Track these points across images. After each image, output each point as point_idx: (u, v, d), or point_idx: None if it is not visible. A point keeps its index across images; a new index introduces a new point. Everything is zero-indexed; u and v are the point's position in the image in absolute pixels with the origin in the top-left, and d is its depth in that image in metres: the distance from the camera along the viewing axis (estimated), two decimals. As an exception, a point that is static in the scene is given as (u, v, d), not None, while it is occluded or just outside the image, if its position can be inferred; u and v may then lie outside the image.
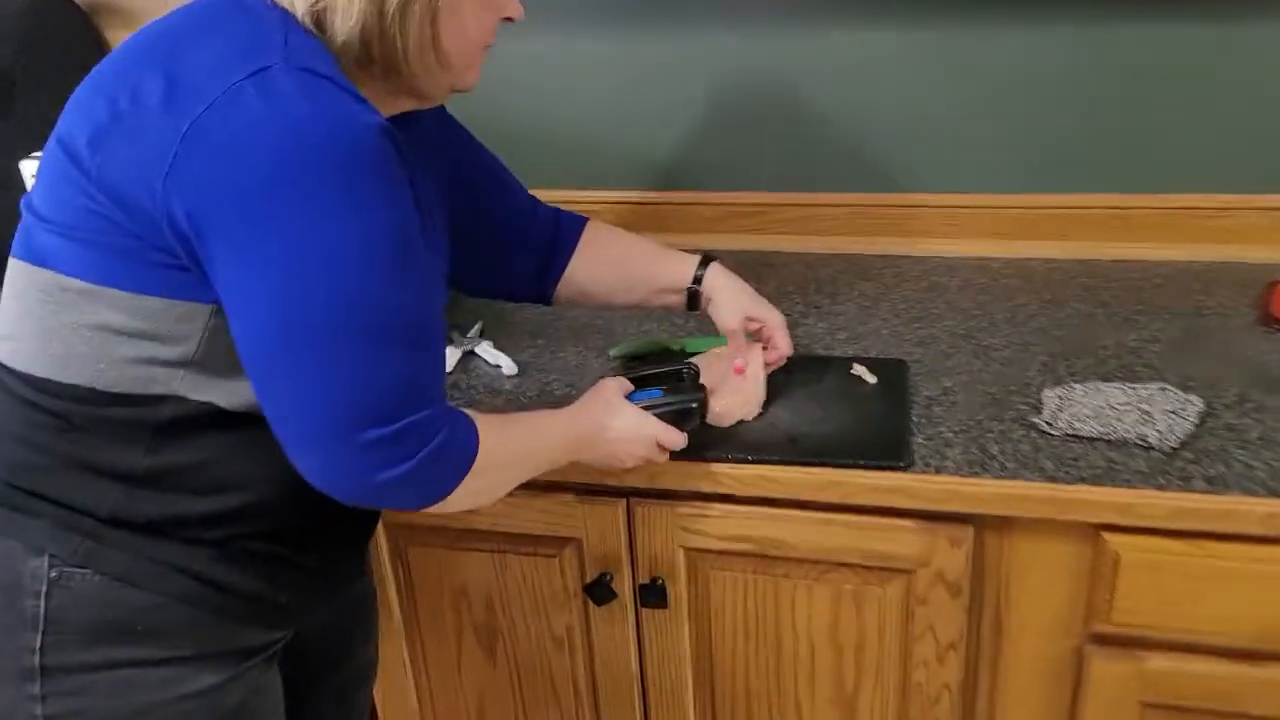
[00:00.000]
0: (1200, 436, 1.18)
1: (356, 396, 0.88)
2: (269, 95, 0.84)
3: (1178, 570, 1.13)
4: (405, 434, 0.90)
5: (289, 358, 0.87)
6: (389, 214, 0.88)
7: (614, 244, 1.33)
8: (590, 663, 1.39)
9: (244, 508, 0.98)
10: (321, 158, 0.84)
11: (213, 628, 1.00)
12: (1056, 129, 1.60)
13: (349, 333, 0.87)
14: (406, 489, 0.93)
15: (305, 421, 0.89)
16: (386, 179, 0.88)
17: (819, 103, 1.66)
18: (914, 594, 1.22)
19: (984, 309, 1.50)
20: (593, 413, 1.15)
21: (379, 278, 0.88)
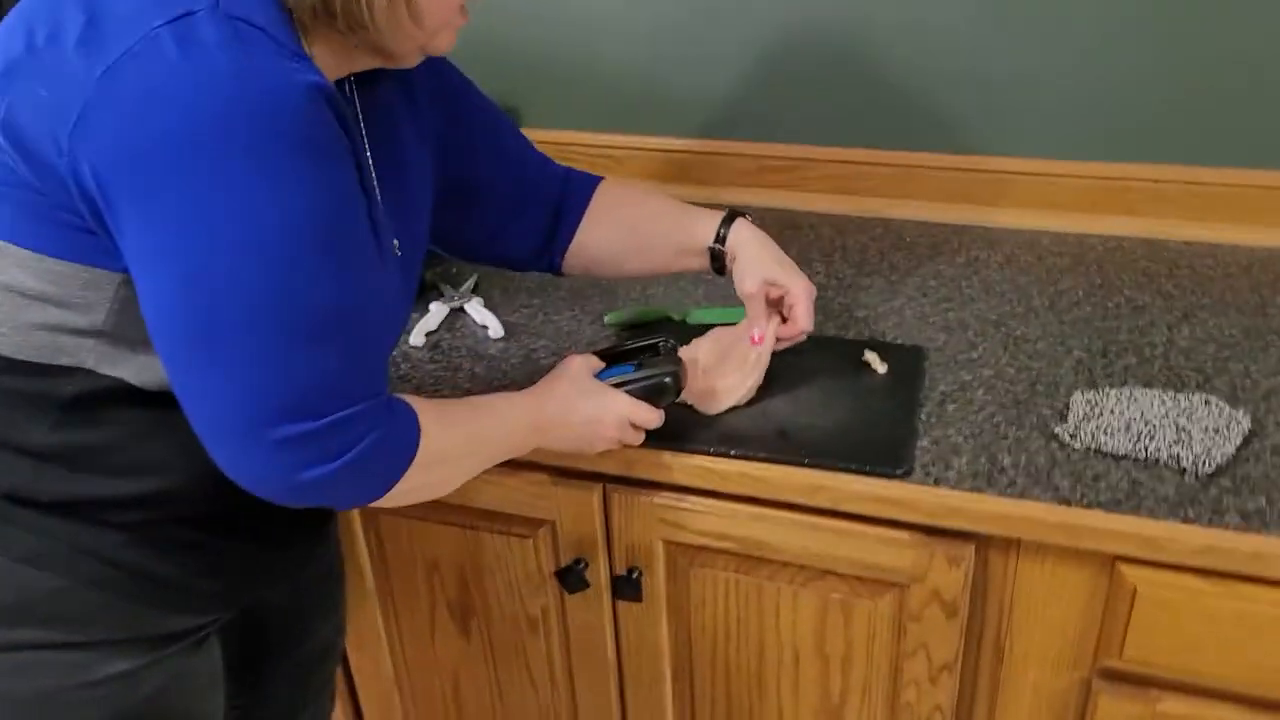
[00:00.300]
0: (1243, 461, 1.04)
1: (272, 391, 0.80)
2: (188, 45, 0.74)
3: (1201, 611, 1.00)
4: (330, 432, 0.82)
5: (197, 345, 0.79)
6: (316, 190, 0.79)
7: (628, 203, 1.21)
8: (566, 647, 1.31)
9: (161, 493, 0.91)
10: (238, 122, 0.75)
11: (127, 613, 0.94)
12: (1131, 89, 1.43)
13: (264, 322, 0.78)
14: (334, 489, 0.85)
15: (215, 413, 0.82)
16: (315, 150, 0.78)
17: (866, 50, 1.51)
18: (907, 610, 1.11)
19: (1023, 292, 1.36)
20: (556, 393, 1.05)
21: (300, 262, 0.79)
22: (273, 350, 0.79)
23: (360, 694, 1.51)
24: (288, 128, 0.76)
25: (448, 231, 1.16)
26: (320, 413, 0.81)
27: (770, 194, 1.62)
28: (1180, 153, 1.44)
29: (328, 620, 1.25)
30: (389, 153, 0.99)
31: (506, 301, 1.40)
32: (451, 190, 1.13)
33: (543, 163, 1.20)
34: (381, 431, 0.85)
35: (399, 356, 1.29)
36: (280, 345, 0.79)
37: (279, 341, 0.79)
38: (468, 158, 1.13)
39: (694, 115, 1.63)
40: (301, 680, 1.24)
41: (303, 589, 1.18)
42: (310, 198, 0.78)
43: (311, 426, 0.81)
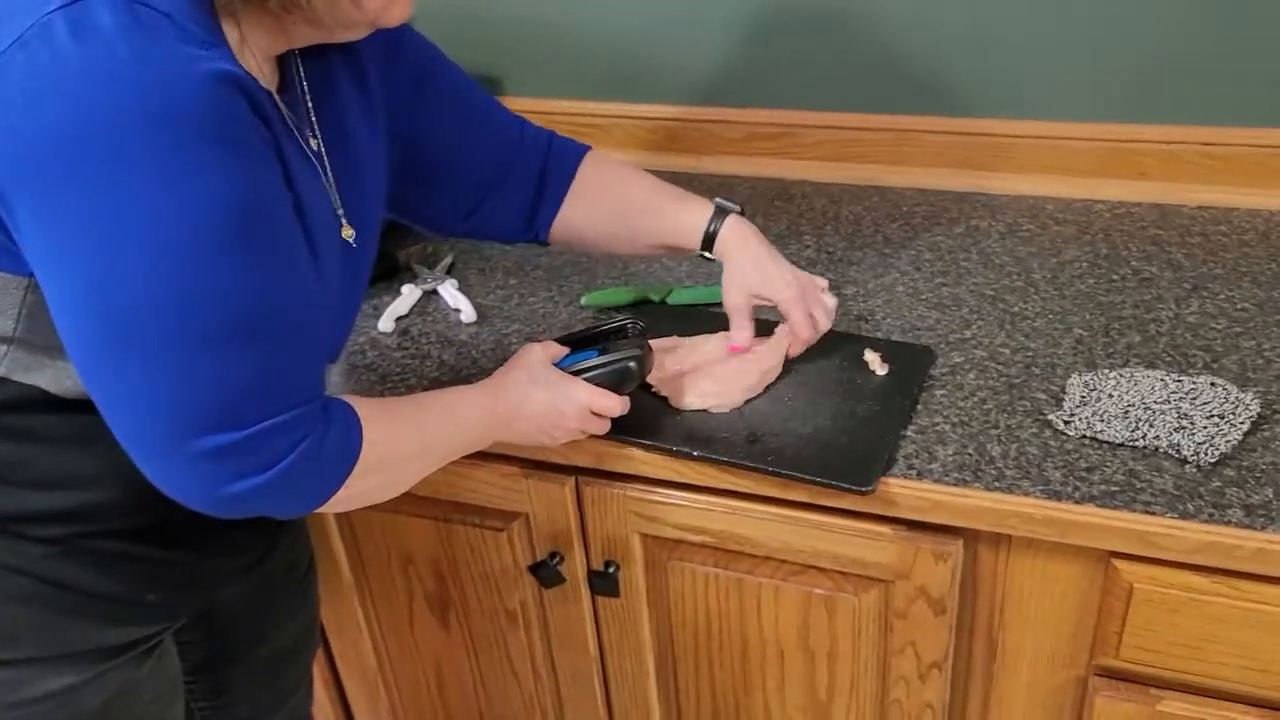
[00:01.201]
0: (1250, 449, 0.97)
1: (188, 401, 0.75)
2: (82, 32, 0.69)
3: (1202, 610, 0.94)
4: (256, 442, 0.77)
5: (107, 352, 0.74)
6: (222, 184, 0.73)
7: (616, 184, 1.14)
8: (547, 640, 1.27)
9: (88, 506, 0.87)
10: (134, 113, 0.69)
11: (60, 628, 0.90)
12: (1141, 45, 1.34)
13: (173, 326, 0.73)
14: (266, 500, 0.81)
15: (134, 425, 0.77)
16: (222, 142, 0.73)
17: (859, 9, 1.42)
18: (892, 607, 1.06)
19: (1023, 265, 1.28)
20: (511, 385, 0.99)
21: (207, 261, 0.73)
22: (184, 357, 0.74)
23: (346, 684, 1.48)
24: (190, 119, 0.71)
25: (418, 206, 1.10)
26: (242, 423, 0.76)
27: (761, 162, 1.55)
28: (1194, 112, 1.35)
29: (293, 620, 1.20)
30: (339, 132, 0.93)
31: (482, 282, 1.34)
32: (417, 163, 1.06)
33: (520, 128, 1.13)
34: (315, 439, 0.80)
35: (366, 344, 1.24)
36: (192, 351, 0.74)
37: (190, 347, 0.74)
38: (430, 127, 1.07)
39: (681, 82, 1.55)
40: (268, 681, 1.20)
41: (261, 589, 1.14)
42: (216, 192, 0.72)
43: (235, 437, 0.76)
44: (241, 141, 0.74)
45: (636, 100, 1.59)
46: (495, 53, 1.63)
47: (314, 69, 0.92)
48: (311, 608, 1.24)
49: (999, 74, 1.41)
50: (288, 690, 1.24)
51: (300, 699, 1.28)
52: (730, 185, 1.53)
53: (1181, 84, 1.34)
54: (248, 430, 0.76)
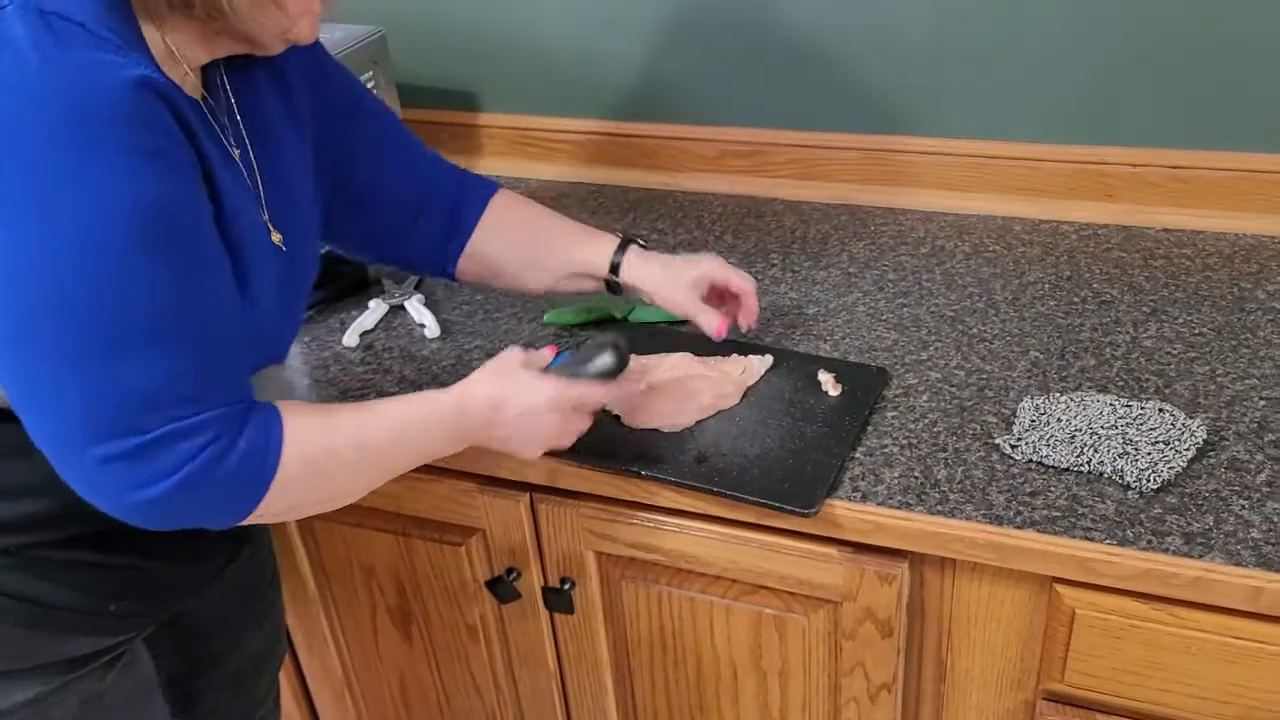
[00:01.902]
0: (1194, 476, 0.97)
1: (88, 404, 0.75)
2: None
3: (1142, 637, 0.94)
4: (158, 447, 0.77)
5: (18, 352, 0.76)
6: (137, 188, 0.74)
7: (524, 218, 1.17)
8: (508, 656, 1.28)
9: (36, 516, 0.87)
10: (45, 119, 0.70)
11: (21, 641, 0.90)
12: (1112, 69, 1.34)
13: (81, 330, 0.74)
14: (183, 506, 0.80)
15: (40, 427, 0.78)
16: (134, 148, 0.73)
17: (829, 30, 1.43)
18: (841, 627, 1.06)
19: (985, 286, 1.29)
20: (481, 388, 0.96)
21: (119, 265, 0.74)
22: (89, 359, 0.75)
23: (314, 695, 1.49)
24: (101, 122, 0.72)
25: (342, 232, 1.12)
26: (144, 427, 0.76)
27: (732, 179, 1.56)
28: (1162, 135, 1.35)
29: (260, 629, 1.21)
30: (265, 140, 0.94)
31: (449, 299, 1.35)
32: (343, 192, 1.08)
33: (436, 164, 1.16)
34: (225, 443, 0.80)
35: (329, 359, 1.25)
36: (97, 353, 0.75)
37: (96, 349, 0.75)
38: (356, 155, 1.08)
39: (653, 99, 1.56)
40: (237, 693, 1.21)
41: (228, 599, 1.15)
42: (126, 195, 0.73)
43: (137, 442, 0.76)
44: (154, 146, 0.75)
45: (610, 117, 1.60)
46: (471, 69, 1.64)
47: (238, 79, 0.93)
48: (277, 618, 1.25)
49: (968, 95, 1.41)
50: (255, 702, 1.25)
51: (268, 710, 1.28)
52: (703, 202, 1.54)
53: (1149, 107, 1.34)
54: (149, 435, 0.77)
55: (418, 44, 1.64)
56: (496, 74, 1.64)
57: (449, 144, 1.70)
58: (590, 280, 1.15)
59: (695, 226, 1.47)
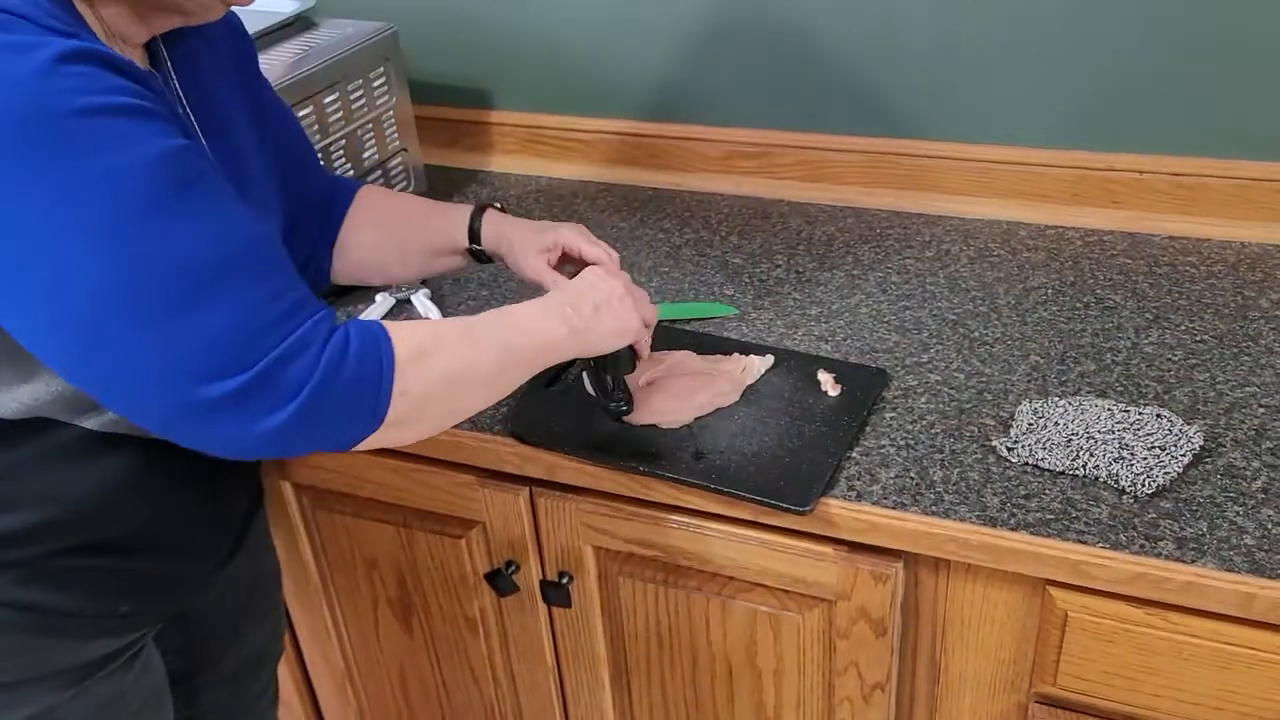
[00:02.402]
0: (1190, 482, 0.97)
1: (180, 363, 0.73)
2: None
3: (1134, 641, 0.94)
4: (270, 374, 0.75)
5: (88, 350, 0.74)
6: (137, 148, 0.72)
7: (382, 207, 1.18)
8: (506, 649, 1.29)
9: (41, 526, 0.87)
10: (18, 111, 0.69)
11: (36, 650, 0.91)
12: (1117, 75, 1.34)
13: (144, 295, 0.72)
14: (316, 426, 0.77)
15: (142, 405, 0.76)
16: (118, 111, 0.72)
17: (839, 32, 1.44)
18: (835, 626, 1.06)
19: (988, 290, 1.29)
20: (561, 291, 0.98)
21: (148, 229, 0.72)
22: (165, 324, 0.73)
23: (316, 686, 1.50)
24: (77, 101, 0.70)
25: None
26: (246, 363, 0.74)
27: (739, 180, 1.56)
28: (1168, 143, 1.35)
29: (261, 625, 1.22)
30: (213, 118, 0.94)
31: (455, 293, 1.36)
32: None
33: (317, 166, 1.17)
34: (336, 350, 0.77)
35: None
36: (170, 314, 0.73)
37: (160, 313, 0.73)
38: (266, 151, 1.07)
39: (663, 99, 1.57)
40: (235, 689, 1.22)
41: (229, 596, 1.15)
42: (125, 162, 0.72)
43: (244, 379, 0.74)
44: (126, 106, 0.73)
45: (620, 116, 1.60)
46: (484, 68, 1.66)
47: (177, 53, 0.92)
48: (278, 615, 1.26)
49: (975, 99, 1.41)
50: (254, 697, 1.26)
51: (265, 707, 1.29)
52: (710, 202, 1.55)
53: (1155, 113, 1.34)
54: (257, 365, 0.74)
55: (429, 40, 1.65)
56: (508, 72, 1.65)
57: (461, 141, 1.71)
58: (456, 255, 1.14)
59: (702, 226, 1.48)
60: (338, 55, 1.39)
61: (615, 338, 0.99)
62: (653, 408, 1.09)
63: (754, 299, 1.30)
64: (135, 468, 0.90)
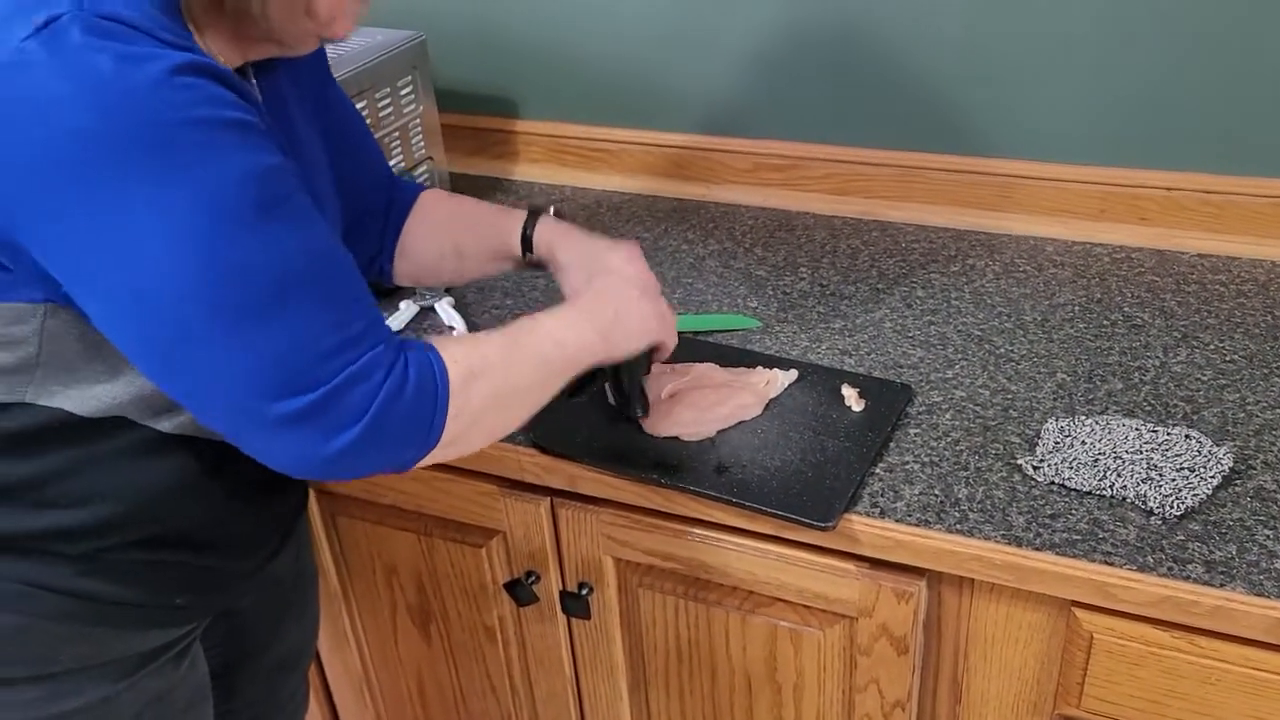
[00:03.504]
0: (1219, 504, 0.96)
1: (257, 374, 0.75)
2: (57, 52, 0.70)
3: (1161, 665, 0.93)
4: (336, 396, 0.77)
5: (171, 351, 0.76)
6: (236, 162, 0.74)
7: (444, 210, 1.18)
8: (524, 659, 1.29)
9: (108, 520, 0.88)
10: (126, 118, 0.71)
11: (95, 639, 0.92)
12: (1146, 91, 1.33)
13: (223, 309, 0.74)
14: (377, 450, 0.80)
15: (218, 411, 0.78)
16: (215, 124, 0.74)
17: (868, 46, 1.43)
18: (856, 643, 1.06)
19: (1014, 306, 1.28)
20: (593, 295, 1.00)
21: (237, 238, 0.74)
22: (240, 333, 0.75)
23: (334, 692, 1.50)
24: (187, 113, 0.72)
25: None
26: (317, 381, 0.76)
27: (766, 192, 1.56)
28: (1197, 160, 1.34)
29: (300, 623, 1.23)
30: (292, 141, 0.96)
31: (479, 301, 1.37)
32: None
33: (384, 165, 1.17)
34: (398, 377, 0.80)
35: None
36: (246, 326, 0.75)
37: (243, 322, 0.75)
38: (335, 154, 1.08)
39: (691, 111, 1.57)
40: (271, 687, 1.23)
41: (272, 592, 1.16)
42: (230, 169, 0.74)
43: (311, 398, 0.76)
44: (231, 120, 0.75)
45: (647, 127, 1.61)
46: (511, 77, 1.66)
47: (265, 80, 0.94)
48: (314, 616, 1.27)
49: (1003, 114, 1.41)
50: (288, 696, 1.26)
51: (296, 706, 1.30)
52: (735, 214, 1.54)
53: (1184, 130, 1.33)
54: (327, 385, 0.76)
55: (458, 50, 1.66)
56: (534, 81, 1.65)
57: (487, 149, 1.71)
58: (510, 261, 1.14)
59: (726, 238, 1.48)
60: (367, 63, 1.40)
61: (635, 341, 1.00)
62: (675, 420, 1.09)
63: (778, 311, 1.30)
64: (200, 468, 0.92)
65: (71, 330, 0.81)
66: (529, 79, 1.66)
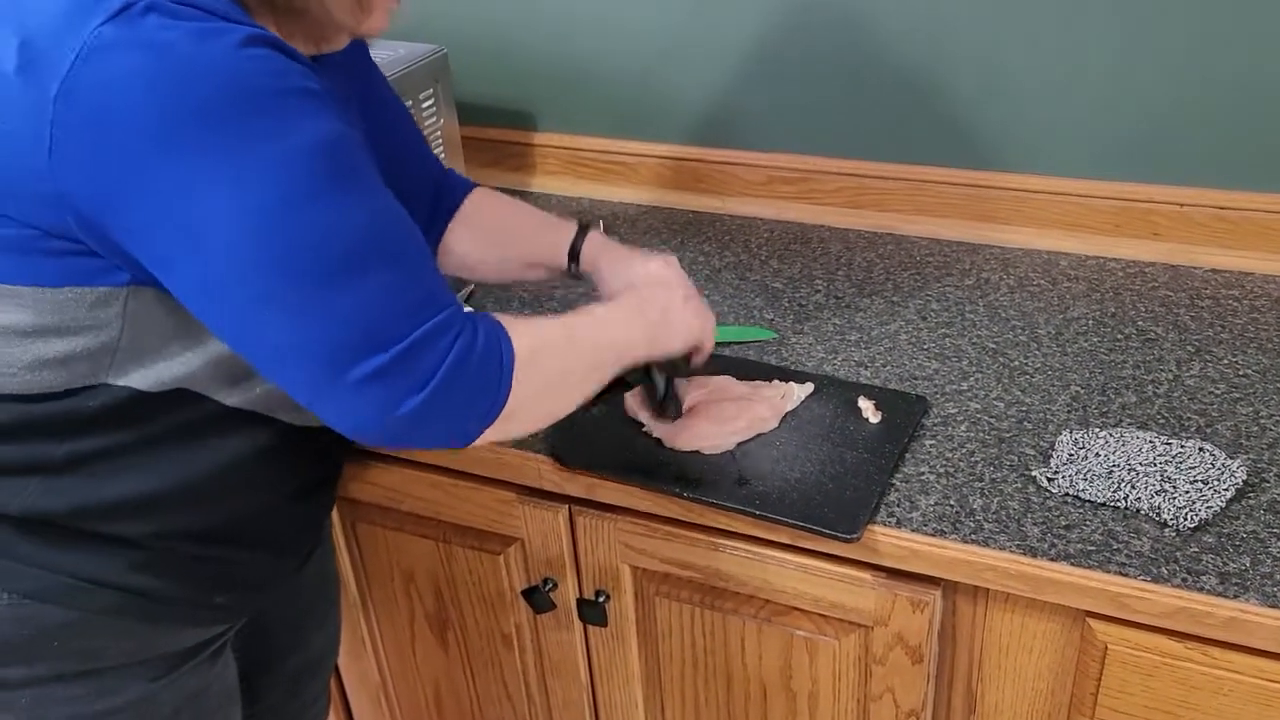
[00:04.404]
0: (1232, 516, 0.97)
1: (332, 335, 0.78)
2: (134, 35, 0.73)
3: (1175, 676, 0.94)
4: (406, 358, 0.79)
5: (248, 318, 0.78)
6: (308, 130, 0.77)
7: (493, 211, 1.20)
8: (541, 666, 1.30)
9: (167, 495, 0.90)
10: (212, 93, 0.74)
11: (141, 634, 0.94)
12: (1160, 106, 1.34)
13: (301, 272, 0.77)
14: (442, 415, 0.82)
15: (293, 375, 0.80)
16: (291, 94, 0.77)
17: (882, 61, 1.45)
18: (871, 652, 1.07)
19: (1028, 319, 1.29)
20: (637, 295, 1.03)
21: (317, 202, 0.77)
22: (318, 296, 0.77)
23: (351, 699, 1.51)
24: (260, 82, 0.75)
25: None
26: (386, 344, 0.78)
27: (780, 205, 1.58)
28: (1210, 176, 1.35)
29: (323, 628, 1.25)
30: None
31: (503, 307, 1.38)
32: None
33: (431, 160, 1.19)
34: (465, 342, 0.82)
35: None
36: (322, 288, 0.77)
37: (320, 284, 0.77)
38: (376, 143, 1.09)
39: (705, 124, 1.58)
40: (294, 691, 1.24)
41: (300, 595, 1.19)
42: (308, 136, 0.76)
43: (383, 359, 0.78)
44: (305, 89, 0.78)
45: (662, 140, 1.62)
46: (528, 90, 1.68)
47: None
48: (336, 621, 1.29)
49: (1017, 129, 1.42)
50: (309, 701, 1.28)
51: (319, 712, 1.32)
52: (750, 226, 1.56)
53: (1197, 146, 1.34)
54: (393, 349, 0.78)
55: (478, 63, 1.68)
56: (552, 94, 1.67)
57: (505, 161, 1.73)
58: (550, 270, 1.16)
59: (741, 250, 1.49)
60: (390, 76, 1.42)
61: (678, 341, 1.03)
62: (695, 433, 1.10)
63: (793, 323, 1.31)
64: (250, 454, 0.94)
65: (152, 311, 0.84)
66: (546, 92, 1.68)
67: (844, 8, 1.44)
